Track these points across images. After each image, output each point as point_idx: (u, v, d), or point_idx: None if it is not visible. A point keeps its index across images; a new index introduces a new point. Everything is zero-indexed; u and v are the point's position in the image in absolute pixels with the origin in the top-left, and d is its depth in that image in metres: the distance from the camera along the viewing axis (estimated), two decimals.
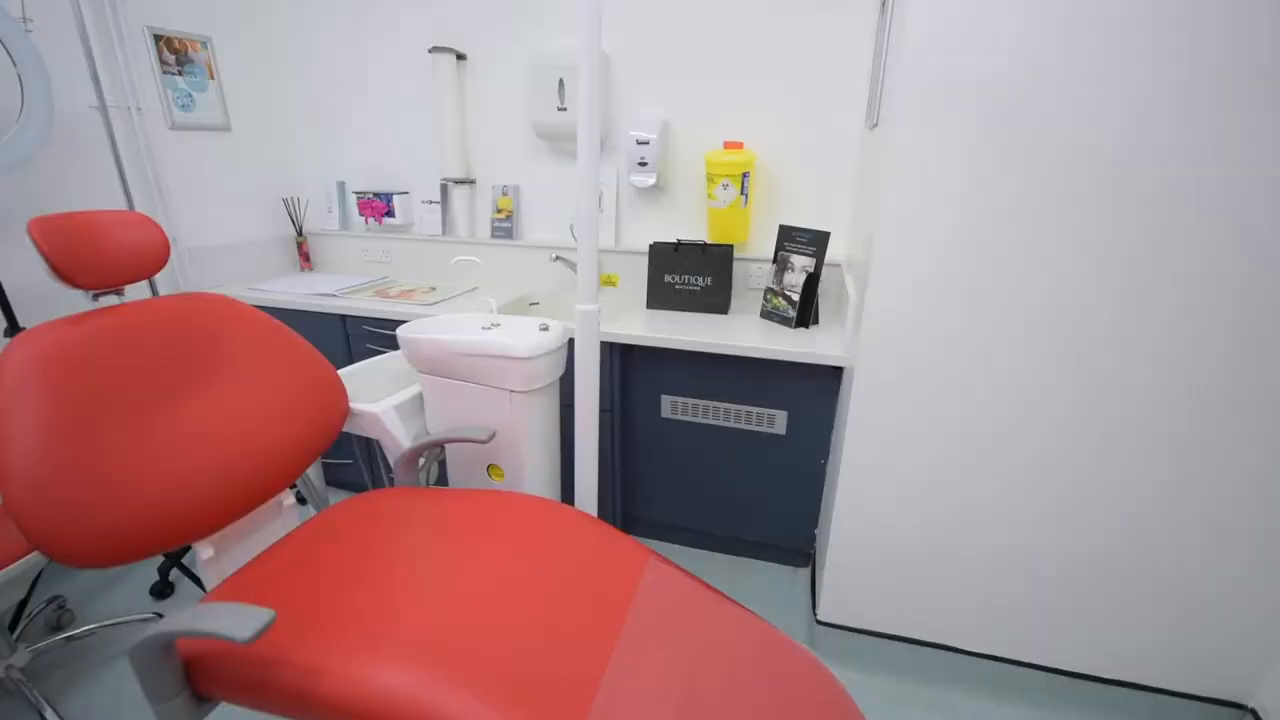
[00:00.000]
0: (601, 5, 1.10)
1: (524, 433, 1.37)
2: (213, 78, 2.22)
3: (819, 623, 1.63)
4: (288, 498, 1.25)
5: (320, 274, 2.57)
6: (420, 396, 1.45)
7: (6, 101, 1.61)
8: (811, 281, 1.76)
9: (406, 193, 2.45)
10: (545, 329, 1.36)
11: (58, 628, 1.76)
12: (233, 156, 2.35)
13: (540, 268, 2.34)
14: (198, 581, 1.89)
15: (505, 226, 2.35)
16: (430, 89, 2.27)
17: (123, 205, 2.00)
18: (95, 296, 1.07)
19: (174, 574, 1.92)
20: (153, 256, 1.08)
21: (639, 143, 1.98)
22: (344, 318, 2.09)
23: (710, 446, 1.86)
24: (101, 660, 1.65)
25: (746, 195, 1.92)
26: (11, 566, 1.32)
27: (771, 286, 1.89)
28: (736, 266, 2.05)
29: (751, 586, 1.92)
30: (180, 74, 2.11)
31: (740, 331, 1.77)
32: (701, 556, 2.07)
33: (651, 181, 2.01)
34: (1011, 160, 1.13)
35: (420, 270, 2.53)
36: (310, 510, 1.70)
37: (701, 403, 1.81)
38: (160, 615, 1.78)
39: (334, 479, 2.40)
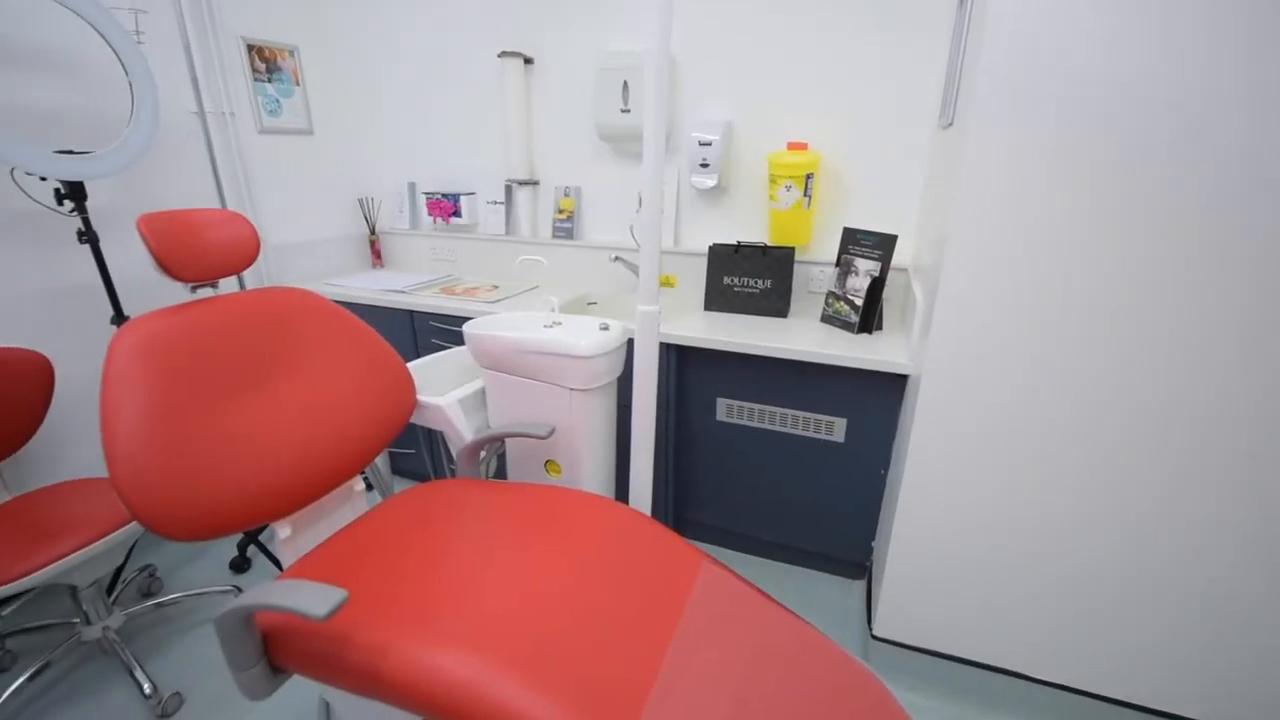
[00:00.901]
0: (672, 10, 1.10)
1: (582, 430, 1.39)
2: (298, 84, 2.35)
3: (874, 638, 1.58)
4: (358, 484, 1.31)
5: (391, 271, 2.69)
6: (483, 391, 1.50)
7: (119, 108, 1.76)
8: (876, 286, 1.71)
9: (473, 193, 2.53)
10: (605, 329, 1.38)
11: (148, 594, 1.90)
12: (314, 159, 2.48)
13: (599, 268, 2.37)
14: (272, 559, 2.01)
15: (566, 227, 2.38)
16: (498, 92, 2.34)
17: (216, 204, 2.15)
18: (193, 289, 1.15)
19: (251, 550, 2.05)
20: (246, 252, 1.15)
21: (701, 144, 1.98)
22: (411, 313, 2.18)
23: (766, 451, 1.84)
24: (185, 627, 1.77)
25: (810, 197, 1.89)
26: (113, 534, 1.44)
27: (833, 290, 1.85)
28: (797, 269, 2.02)
29: (804, 596, 1.88)
30: (270, 81, 2.25)
31: (800, 335, 1.74)
32: (753, 563, 2.04)
33: (713, 183, 2.00)
34: (1100, 163, 1.07)
35: (484, 268, 2.60)
36: (376, 496, 1.78)
37: (758, 407, 1.79)
38: (238, 588, 1.89)
39: (396, 468, 2.50)
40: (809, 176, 1.86)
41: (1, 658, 1.64)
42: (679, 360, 1.83)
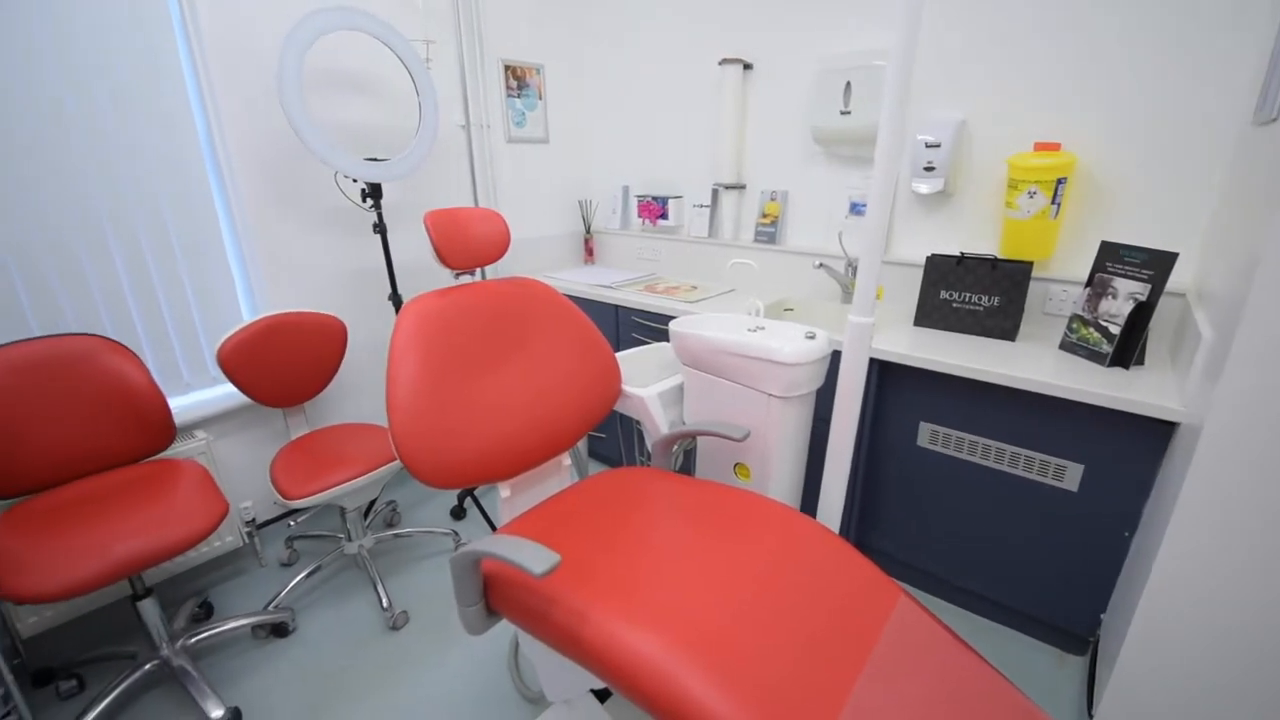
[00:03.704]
0: (922, 7, 1.04)
1: (776, 438, 1.38)
2: (541, 98, 2.64)
3: None
4: (566, 459, 1.44)
5: (600, 267, 2.91)
6: (681, 387, 1.56)
7: (408, 122, 2.13)
8: (1142, 312, 1.45)
9: (680, 197, 2.63)
10: (812, 337, 1.35)
11: (390, 525, 2.29)
12: (548, 164, 2.78)
13: (796, 273, 2.32)
14: (483, 513, 2.30)
15: (769, 231, 2.37)
16: (713, 99, 2.39)
17: (471, 204, 2.51)
18: (456, 275, 1.35)
19: (467, 503, 2.36)
20: (499, 245, 1.33)
21: (928, 145, 1.84)
22: (616, 307, 2.33)
23: (973, 488, 1.66)
24: (414, 557, 2.10)
25: (1059, 205, 1.66)
26: (378, 470, 1.76)
27: (1080, 314, 1.60)
28: (1033, 287, 1.78)
29: (1006, 660, 1.66)
30: (519, 96, 2.55)
31: (1032, 362, 1.53)
32: (943, 608, 1.86)
33: (938, 188, 1.85)
34: None
35: (684, 269, 2.69)
36: (574, 473, 1.94)
37: (969, 437, 1.62)
38: (456, 533, 2.20)
39: (591, 450, 2.70)
40: (1060, 181, 1.63)
41: (290, 555, 2.09)
42: (881, 377, 1.73)
